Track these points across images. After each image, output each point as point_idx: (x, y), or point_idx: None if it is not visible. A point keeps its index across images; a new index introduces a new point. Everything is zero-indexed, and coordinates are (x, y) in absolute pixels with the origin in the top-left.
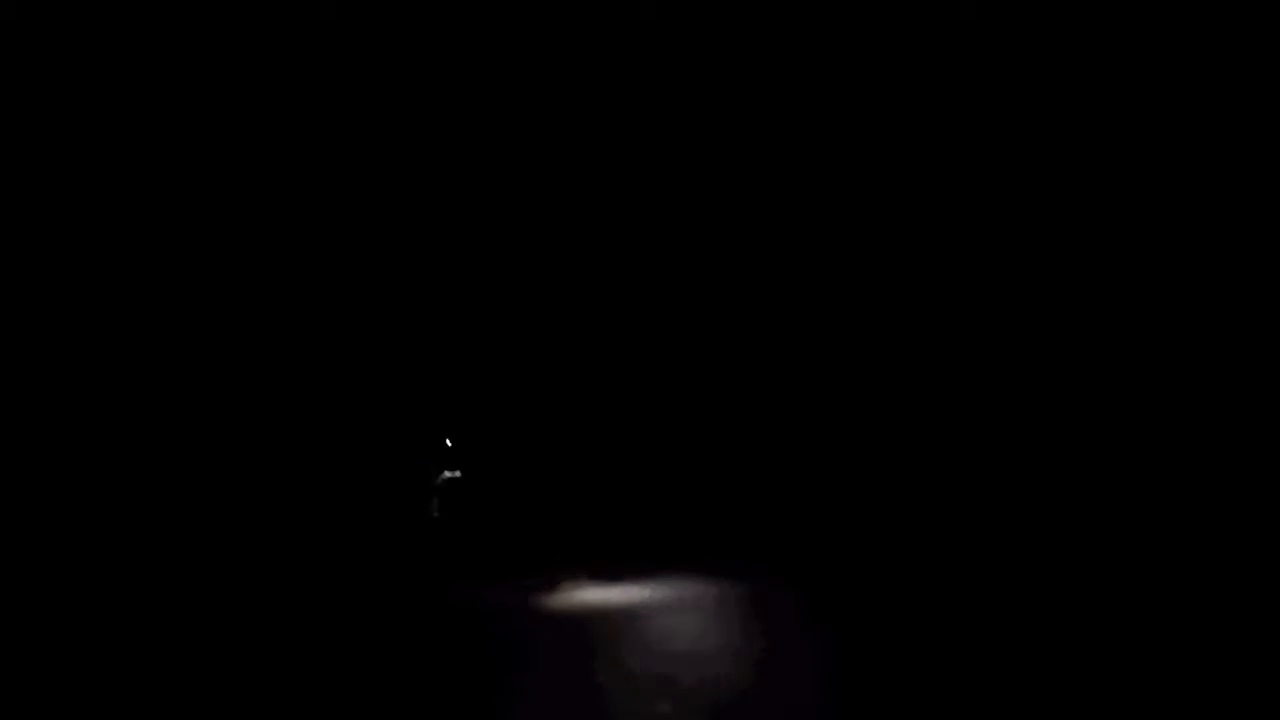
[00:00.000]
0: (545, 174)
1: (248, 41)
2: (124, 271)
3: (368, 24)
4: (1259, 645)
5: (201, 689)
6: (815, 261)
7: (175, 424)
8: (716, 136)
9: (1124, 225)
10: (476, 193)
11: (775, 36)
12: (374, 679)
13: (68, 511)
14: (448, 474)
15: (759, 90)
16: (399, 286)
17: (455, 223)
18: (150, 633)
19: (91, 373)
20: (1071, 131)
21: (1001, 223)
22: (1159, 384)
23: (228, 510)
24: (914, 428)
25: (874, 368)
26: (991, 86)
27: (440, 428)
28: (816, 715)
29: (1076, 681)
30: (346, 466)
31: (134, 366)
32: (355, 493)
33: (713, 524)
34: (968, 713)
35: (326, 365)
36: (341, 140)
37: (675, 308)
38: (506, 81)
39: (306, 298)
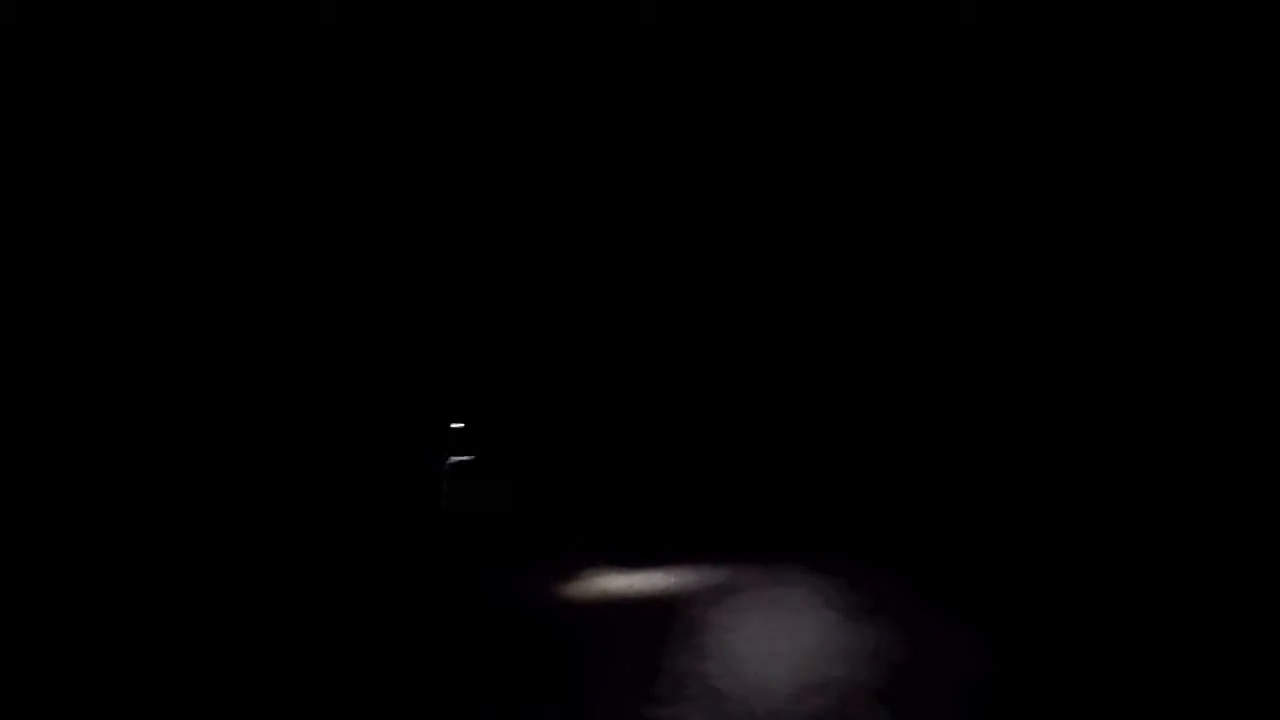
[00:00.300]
0: (557, 167)
1: (248, 41)
2: (127, 269)
3: (368, 24)
4: None
5: (216, 679)
6: (826, 256)
7: (189, 415)
8: (718, 136)
9: (1124, 225)
10: (490, 185)
11: (775, 36)
12: (386, 666)
13: (73, 508)
14: (456, 458)
15: (759, 90)
16: (412, 274)
17: (466, 212)
18: (162, 626)
19: (100, 368)
20: (1071, 131)
21: (1001, 223)
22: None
23: (238, 495)
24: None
25: (893, 360)
26: (991, 86)
27: (448, 412)
28: (851, 709)
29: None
30: (354, 452)
31: (151, 355)
32: (363, 478)
33: (732, 512)
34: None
35: (337, 351)
36: (345, 140)
37: (717, 292)
38: (507, 81)
39: (319, 288)
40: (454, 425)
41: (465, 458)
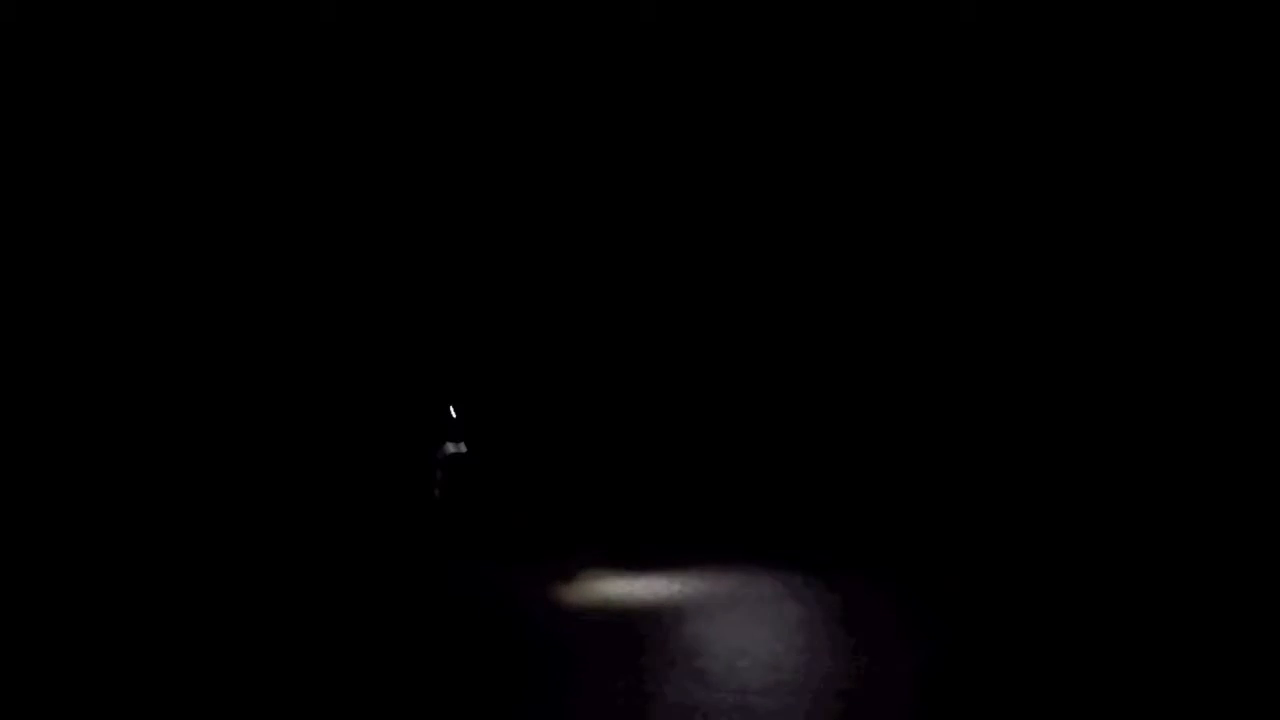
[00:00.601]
0: (553, 168)
1: (248, 42)
2: (115, 252)
3: (368, 24)
4: None
5: (202, 676)
6: (819, 261)
7: (170, 402)
8: (718, 135)
9: (1124, 225)
10: (483, 179)
11: (775, 36)
12: (375, 666)
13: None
14: (451, 448)
15: (759, 91)
16: (406, 252)
17: (462, 194)
18: (146, 620)
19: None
20: (1072, 131)
21: (1001, 223)
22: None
23: (224, 482)
24: (907, 418)
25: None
26: (991, 86)
27: (445, 397)
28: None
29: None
30: (342, 437)
31: (127, 333)
32: (351, 464)
33: (743, 516)
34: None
35: (325, 330)
36: (341, 138)
37: (712, 293)
38: (507, 81)
39: (306, 272)
40: (450, 412)
41: (460, 447)
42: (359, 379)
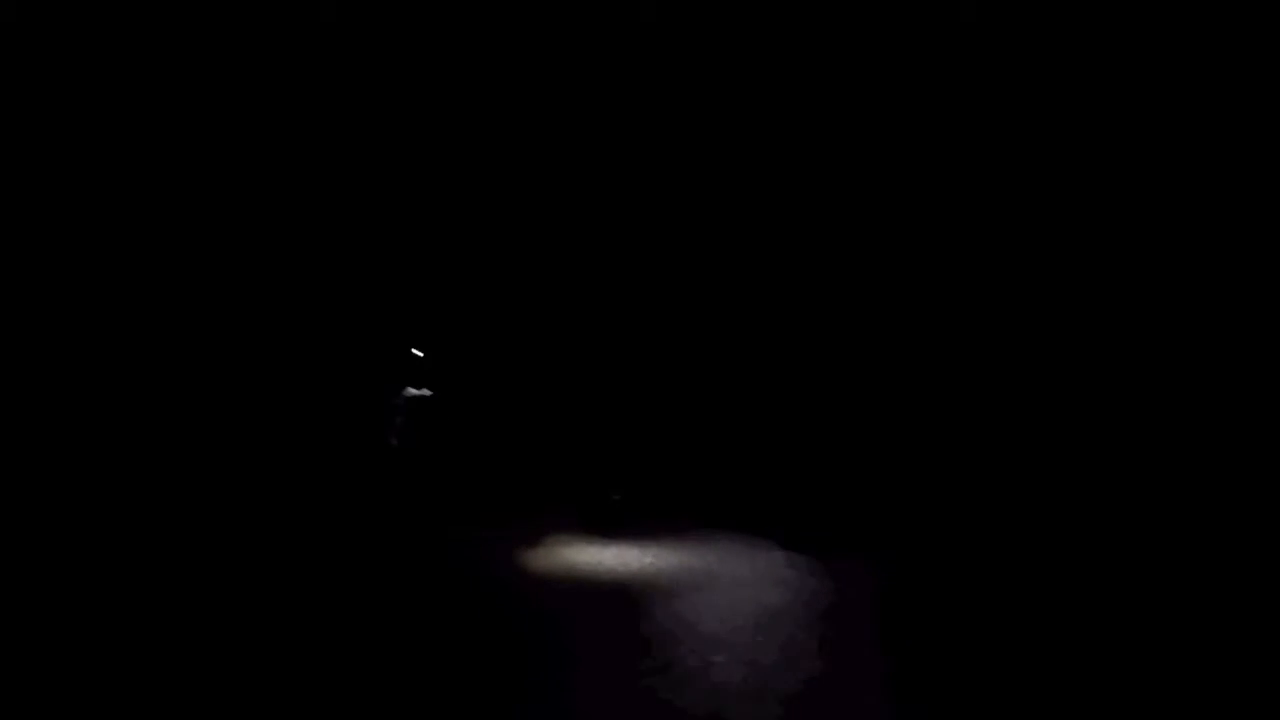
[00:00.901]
0: (548, 165)
1: (248, 41)
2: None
3: (368, 24)
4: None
5: (164, 646)
6: (805, 257)
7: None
8: (718, 134)
9: (1124, 225)
10: (446, 139)
11: (775, 36)
12: (304, 624)
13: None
14: (414, 391)
15: (759, 90)
16: (367, 204)
17: (424, 160)
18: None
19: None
20: (1071, 131)
21: (1001, 223)
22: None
23: (189, 428)
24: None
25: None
26: (991, 86)
27: (408, 336)
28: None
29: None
30: (293, 375)
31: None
32: (302, 403)
33: (724, 482)
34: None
35: (277, 260)
36: (329, 125)
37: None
38: (507, 81)
39: (274, 225)
40: (414, 352)
41: (425, 391)
42: (315, 314)
